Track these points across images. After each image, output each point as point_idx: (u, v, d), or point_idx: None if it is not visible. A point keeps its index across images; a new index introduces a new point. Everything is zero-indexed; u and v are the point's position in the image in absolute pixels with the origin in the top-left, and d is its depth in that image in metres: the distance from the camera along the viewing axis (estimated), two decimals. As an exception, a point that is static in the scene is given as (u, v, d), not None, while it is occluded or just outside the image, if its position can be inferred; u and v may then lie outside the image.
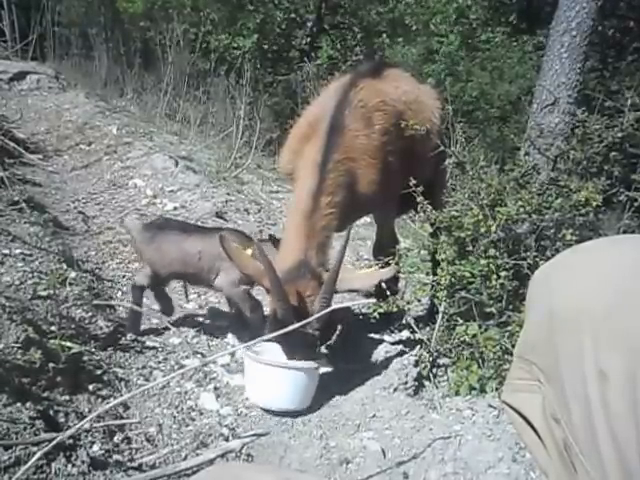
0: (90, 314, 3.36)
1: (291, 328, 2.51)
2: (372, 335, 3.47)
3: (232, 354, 3.33)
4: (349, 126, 3.13)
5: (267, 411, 2.92)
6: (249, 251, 3.06)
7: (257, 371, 2.92)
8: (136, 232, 3.57)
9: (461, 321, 2.94)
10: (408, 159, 3.28)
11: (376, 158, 3.15)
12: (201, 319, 3.79)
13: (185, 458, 2.46)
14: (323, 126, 3.11)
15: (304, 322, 2.57)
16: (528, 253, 2.83)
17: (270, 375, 2.88)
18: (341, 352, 3.32)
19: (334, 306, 2.78)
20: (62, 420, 2.43)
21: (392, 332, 3.46)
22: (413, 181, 3.01)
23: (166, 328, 3.43)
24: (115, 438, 2.48)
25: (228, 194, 5.88)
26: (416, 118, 3.36)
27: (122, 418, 2.67)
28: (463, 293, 2.91)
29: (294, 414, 2.89)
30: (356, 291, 3.00)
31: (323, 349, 3.07)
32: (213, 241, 3.16)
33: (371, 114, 3.21)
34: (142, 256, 3.52)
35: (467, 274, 2.90)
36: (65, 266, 3.71)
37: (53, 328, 2.90)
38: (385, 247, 3.33)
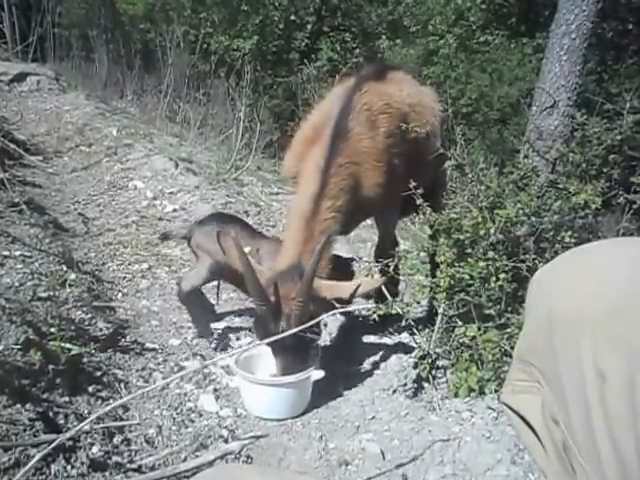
0: (90, 316, 3.36)
1: (282, 335, 2.55)
2: (371, 337, 3.48)
3: (231, 356, 3.33)
4: (353, 130, 3.13)
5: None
6: (247, 249, 3.06)
7: (248, 386, 2.93)
8: (191, 231, 3.55)
9: (460, 323, 2.93)
10: (412, 161, 3.28)
11: (381, 161, 3.15)
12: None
13: (184, 460, 2.46)
14: (327, 130, 3.10)
15: (297, 329, 2.57)
16: (527, 255, 2.83)
17: (261, 391, 2.90)
18: (340, 354, 3.32)
19: (336, 310, 2.79)
20: (62, 422, 2.43)
21: (391, 334, 3.46)
22: (413, 183, 3.01)
23: (167, 331, 3.43)
24: (115, 440, 2.48)
25: (228, 196, 5.89)
26: (420, 120, 3.37)
27: (122, 420, 2.67)
28: (462, 295, 2.91)
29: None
30: (343, 299, 2.96)
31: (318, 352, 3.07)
32: (267, 244, 3.22)
33: (376, 117, 3.21)
34: (201, 250, 3.48)
35: (466, 276, 2.89)
36: (65, 268, 3.72)
37: (53, 330, 2.90)
38: (387, 249, 3.32)
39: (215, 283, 3.98)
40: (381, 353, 3.26)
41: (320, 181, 2.97)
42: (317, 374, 2.88)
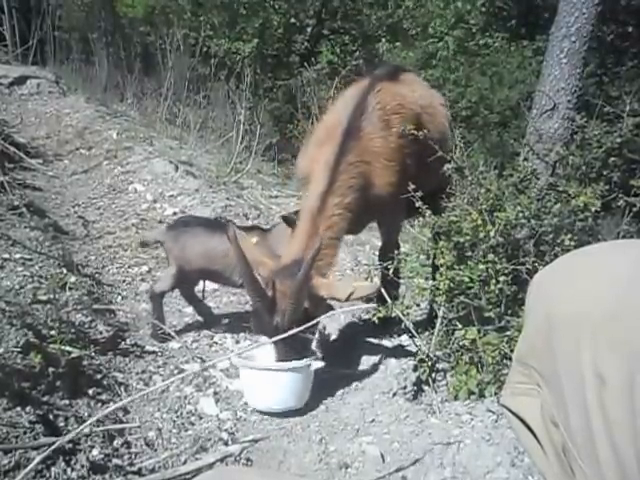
0: (90, 318, 3.36)
1: (285, 335, 2.57)
2: (371, 340, 3.47)
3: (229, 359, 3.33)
4: (365, 129, 3.15)
5: (265, 413, 2.93)
6: (254, 239, 3.12)
7: (250, 376, 2.94)
8: (161, 234, 3.61)
9: (460, 326, 2.93)
10: (423, 162, 3.29)
11: (393, 160, 3.17)
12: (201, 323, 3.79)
13: (184, 462, 2.46)
14: (339, 130, 3.13)
15: (298, 329, 2.58)
16: (527, 258, 2.83)
17: (262, 378, 2.91)
18: (340, 356, 3.32)
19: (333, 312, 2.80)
20: (62, 424, 2.43)
21: (391, 337, 3.46)
22: (412, 186, 3.01)
23: (169, 335, 3.44)
24: (115, 442, 2.48)
25: (228, 199, 5.89)
26: (432, 122, 3.39)
27: (122, 422, 2.68)
28: (462, 298, 2.91)
29: (293, 413, 2.91)
30: (338, 300, 2.99)
31: (316, 350, 3.09)
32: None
33: (389, 117, 3.23)
34: (169, 255, 3.53)
35: (466, 279, 2.89)
36: (65, 270, 3.72)
37: (53, 332, 2.90)
38: (391, 252, 3.32)
39: (216, 286, 4.01)
40: (381, 356, 3.26)
41: (328, 178, 2.99)
42: (317, 363, 2.91)
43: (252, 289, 2.83)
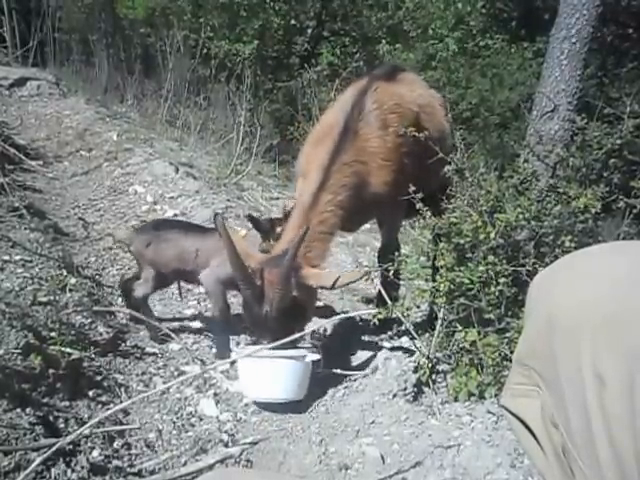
0: (90, 320, 3.36)
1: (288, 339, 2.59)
2: (371, 341, 3.47)
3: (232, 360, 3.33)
4: (362, 129, 3.19)
5: (262, 404, 2.96)
6: (243, 232, 3.15)
7: (248, 366, 2.97)
8: (130, 238, 3.61)
9: (460, 327, 2.93)
10: (422, 162, 3.29)
11: (389, 160, 3.19)
12: (201, 325, 3.79)
13: (185, 464, 2.46)
14: (336, 129, 3.16)
15: (303, 333, 2.60)
16: (527, 260, 2.82)
17: (259, 368, 2.94)
18: (340, 358, 3.32)
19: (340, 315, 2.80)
20: (62, 426, 2.43)
21: (391, 338, 3.46)
22: (412, 188, 3.01)
23: (169, 336, 3.44)
24: (115, 444, 2.48)
25: (228, 200, 5.89)
26: (430, 122, 3.41)
27: (122, 424, 2.67)
28: (462, 299, 2.90)
29: (292, 410, 2.93)
30: (325, 288, 3.05)
31: (315, 350, 3.09)
32: (210, 240, 3.23)
33: (386, 116, 3.25)
34: (142, 260, 3.54)
35: (466, 280, 2.89)
36: (65, 272, 3.72)
37: (53, 334, 2.90)
38: (391, 252, 3.33)
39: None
40: (381, 357, 3.26)
41: (322, 176, 3.04)
42: (313, 355, 2.97)
43: (242, 278, 2.88)
